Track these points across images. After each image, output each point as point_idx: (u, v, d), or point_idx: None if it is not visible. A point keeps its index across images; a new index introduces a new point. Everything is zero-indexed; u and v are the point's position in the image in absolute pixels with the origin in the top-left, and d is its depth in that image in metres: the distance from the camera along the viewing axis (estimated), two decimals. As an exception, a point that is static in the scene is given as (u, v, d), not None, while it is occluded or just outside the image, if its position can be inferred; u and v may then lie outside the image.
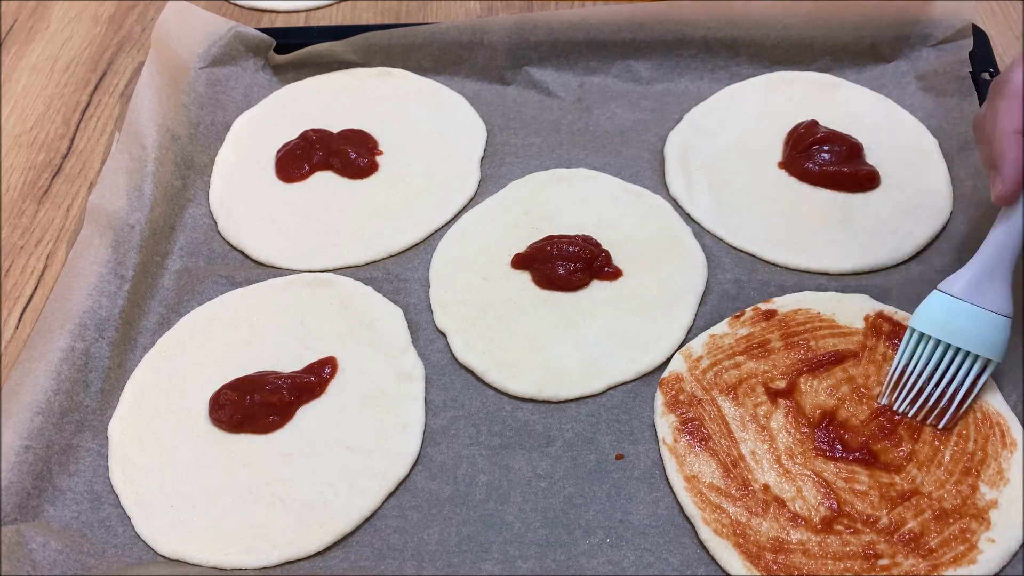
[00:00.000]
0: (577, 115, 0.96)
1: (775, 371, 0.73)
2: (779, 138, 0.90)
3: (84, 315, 0.76)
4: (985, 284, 0.69)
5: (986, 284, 0.69)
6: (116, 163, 0.84)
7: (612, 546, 0.67)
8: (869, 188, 0.85)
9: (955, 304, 0.69)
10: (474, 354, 0.77)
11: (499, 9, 1.11)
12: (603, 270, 0.81)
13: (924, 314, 0.70)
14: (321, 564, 0.67)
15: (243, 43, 0.98)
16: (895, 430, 0.69)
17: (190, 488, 0.71)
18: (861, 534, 0.65)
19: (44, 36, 1.11)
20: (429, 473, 0.71)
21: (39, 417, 0.70)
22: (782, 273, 0.81)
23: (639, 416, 0.73)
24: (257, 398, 0.73)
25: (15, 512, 0.67)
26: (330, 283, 0.82)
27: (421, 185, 0.90)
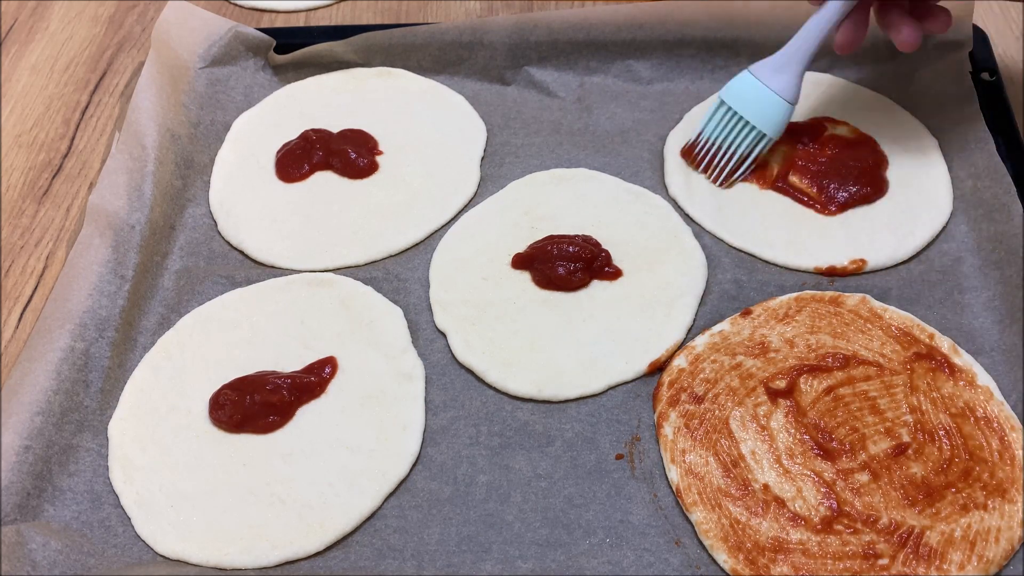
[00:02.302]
0: (577, 115, 0.96)
1: (775, 371, 0.73)
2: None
3: (84, 315, 0.76)
4: (781, 72, 0.82)
5: (781, 72, 0.82)
6: (116, 163, 0.84)
7: (612, 546, 0.67)
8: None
9: (754, 84, 0.82)
10: (474, 354, 0.77)
11: (499, 9, 1.11)
12: (603, 270, 0.81)
13: (730, 88, 0.84)
14: (321, 564, 0.67)
15: (243, 43, 0.98)
16: (896, 430, 0.70)
17: (190, 488, 0.71)
18: (861, 534, 0.65)
19: (44, 36, 1.11)
20: (429, 473, 0.71)
21: (39, 417, 0.70)
22: (782, 273, 0.81)
23: (639, 416, 0.73)
24: (257, 398, 0.73)
25: (15, 512, 0.67)
26: (330, 283, 0.82)
27: (421, 185, 0.90)
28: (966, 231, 0.82)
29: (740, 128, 0.84)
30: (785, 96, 0.82)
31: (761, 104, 0.82)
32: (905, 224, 0.83)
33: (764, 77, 0.82)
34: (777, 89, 0.82)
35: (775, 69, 0.82)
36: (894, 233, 0.82)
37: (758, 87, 0.82)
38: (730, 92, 0.84)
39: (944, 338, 0.75)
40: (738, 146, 0.84)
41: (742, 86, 0.84)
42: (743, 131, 0.84)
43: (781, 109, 0.82)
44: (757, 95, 0.82)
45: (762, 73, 0.83)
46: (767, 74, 0.82)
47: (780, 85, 0.82)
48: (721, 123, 0.85)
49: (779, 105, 0.82)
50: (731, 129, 0.84)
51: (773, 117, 0.82)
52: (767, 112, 0.82)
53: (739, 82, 0.84)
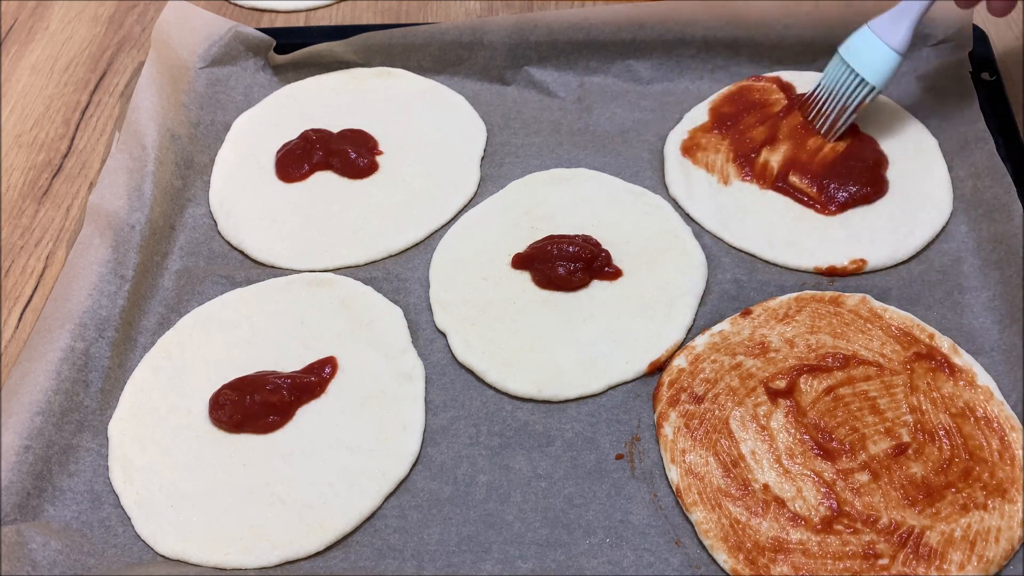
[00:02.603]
0: (577, 115, 0.96)
1: (775, 371, 0.73)
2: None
3: (84, 315, 0.76)
4: (894, 23, 0.84)
5: (895, 23, 0.83)
6: (116, 163, 0.84)
7: (612, 546, 0.67)
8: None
9: (867, 35, 0.85)
10: (474, 354, 0.77)
11: (499, 9, 1.11)
12: (603, 270, 0.81)
13: (848, 42, 0.86)
14: (321, 564, 0.67)
15: (243, 43, 0.98)
16: (896, 430, 0.70)
17: (190, 488, 0.71)
18: (861, 534, 0.65)
19: (44, 36, 1.11)
20: (429, 473, 0.71)
21: (39, 417, 0.70)
22: (782, 273, 0.81)
23: (639, 416, 0.73)
24: (257, 398, 0.73)
25: (15, 512, 0.67)
26: (330, 283, 0.82)
27: (421, 185, 0.90)
28: (966, 231, 0.82)
29: (851, 80, 0.85)
30: (895, 46, 0.83)
31: (871, 55, 0.84)
32: (905, 224, 0.83)
33: (878, 29, 0.84)
34: (888, 40, 0.83)
35: (890, 21, 0.84)
36: (894, 233, 0.82)
37: (871, 39, 0.84)
38: (846, 46, 0.86)
39: (944, 338, 0.75)
40: (847, 97, 0.86)
41: (857, 40, 0.86)
42: (853, 83, 0.85)
43: (888, 59, 0.84)
44: (869, 47, 0.84)
45: (877, 26, 0.85)
46: (881, 27, 0.84)
47: (890, 36, 0.83)
48: (836, 76, 0.87)
49: (887, 55, 0.84)
50: (844, 81, 0.86)
51: (879, 67, 0.84)
52: (874, 63, 0.84)
53: (855, 36, 0.86)
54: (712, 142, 0.90)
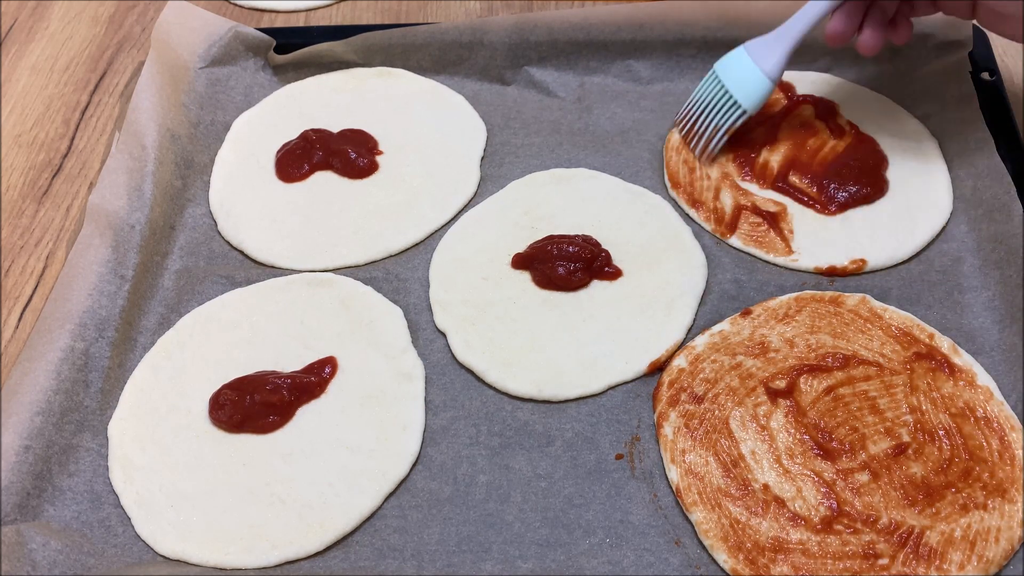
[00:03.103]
0: (577, 115, 0.96)
1: (775, 371, 0.73)
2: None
3: (84, 315, 0.76)
4: (770, 49, 0.84)
5: (771, 49, 0.84)
6: (116, 163, 0.84)
7: (612, 546, 0.67)
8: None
9: (742, 57, 0.85)
10: (474, 354, 0.77)
11: (499, 9, 1.11)
12: (603, 270, 0.81)
13: (724, 60, 0.87)
14: (321, 564, 0.67)
15: (243, 43, 0.98)
16: (896, 430, 0.70)
17: (190, 488, 0.71)
18: (861, 534, 0.65)
19: (44, 36, 1.11)
20: (429, 473, 0.71)
21: (39, 417, 0.70)
22: (782, 273, 0.81)
23: (639, 416, 0.73)
24: (257, 398, 0.73)
25: (15, 512, 0.67)
26: (330, 283, 0.82)
27: (421, 185, 0.90)
28: (966, 231, 0.82)
29: (724, 100, 0.86)
30: (768, 72, 0.84)
31: (745, 78, 0.85)
32: (905, 224, 0.83)
33: (754, 52, 0.85)
34: (762, 65, 0.84)
35: (766, 45, 0.85)
36: (894, 233, 0.82)
37: (745, 61, 0.85)
38: (722, 63, 0.87)
39: (944, 338, 0.75)
40: (719, 117, 0.86)
41: (733, 59, 0.86)
42: (726, 103, 0.86)
43: (761, 85, 0.84)
44: (743, 69, 0.85)
45: (753, 48, 0.85)
46: (758, 50, 0.85)
47: (766, 62, 0.84)
48: (709, 92, 0.87)
49: (760, 81, 0.84)
50: (717, 99, 0.86)
51: (752, 92, 0.85)
52: (748, 86, 0.85)
53: (732, 55, 0.87)
54: (712, 142, 0.91)
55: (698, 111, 0.88)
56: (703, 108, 0.87)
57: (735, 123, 0.86)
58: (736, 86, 0.85)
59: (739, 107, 0.85)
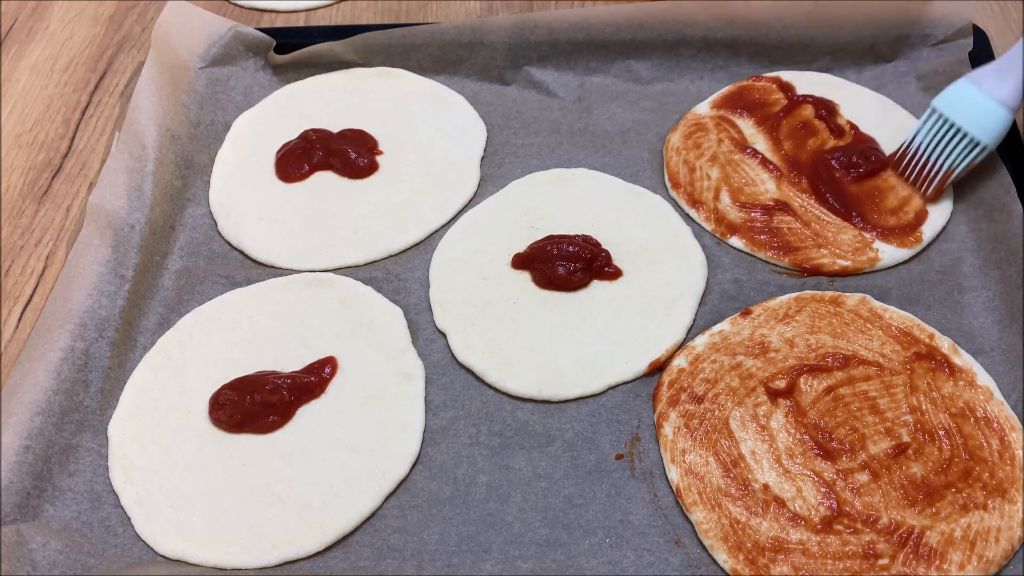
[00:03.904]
0: (577, 115, 0.96)
1: (775, 371, 0.73)
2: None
3: (84, 315, 0.76)
4: (1002, 78, 0.78)
5: (1003, 78, 0.78)
6: (116, 163, 0.84)
7: (612, 546, 0.67)
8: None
9: (970, 90, 0.79)
10: (474, 354, 0.77)
11: (499, 9, 1.11)
12: (603, 270, 0.81)
13: (945, 95, 0.81)
14: (321, 564, 0.67)
15: (243, 43, 0.98)
16: (896, 430, 0.70)
17: (190, 488, 0.71)
18: (861, 534, 0.65)
19: (44, 36, 1.11)
20: (429, 473, 0.71)
21: (39, 417, 0.70)
22: (782, 273, 0.81)
23: (639, 416, 0.73)
24: (257, 398, 0.73)
25: (15, 512, 0.67)
26: (330, 283, 0.82)
27: (421, 185, 0.90)
28: (966, 231, 0.82)
29: (953, 136, 0.80)
30: (1005, 102, 0.78)
31: (977, 111, 0.79)
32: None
33: (983, 83, 0.79)
34: (996, 95, 0.78)
35: (996, 74, 0.79)
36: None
37: (975, 93, 0.79)
38: (945, 99, 0.81)
39: (944, 338, 0.75)
40: (950, 155, 0.81)
41: (958, 93, 0.80)
42: (956, 140, 0.80)
43: (999, 116, 0.78)
44: (973, 102, 0.79)
45: (981, 79, 0.80)
46: (986, 80, 0.79)
47: (1000, 91, 0.78)
48: (933, 132, 0.81)
49: (996, 112, 0.78)
50: (943, 138, 0.81)
51: (990, 124, 0.79)
52: (983, 119, 0.79)
53: (955, 89, 0.81)
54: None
55: (924, 151, 0.82)
56: (930, 147, 0.81)
57: (975, 159, 0.80)
58: (967, 120, 0.79)
59: (975, 142, 0.79)
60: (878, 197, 0.84)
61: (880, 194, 0.84)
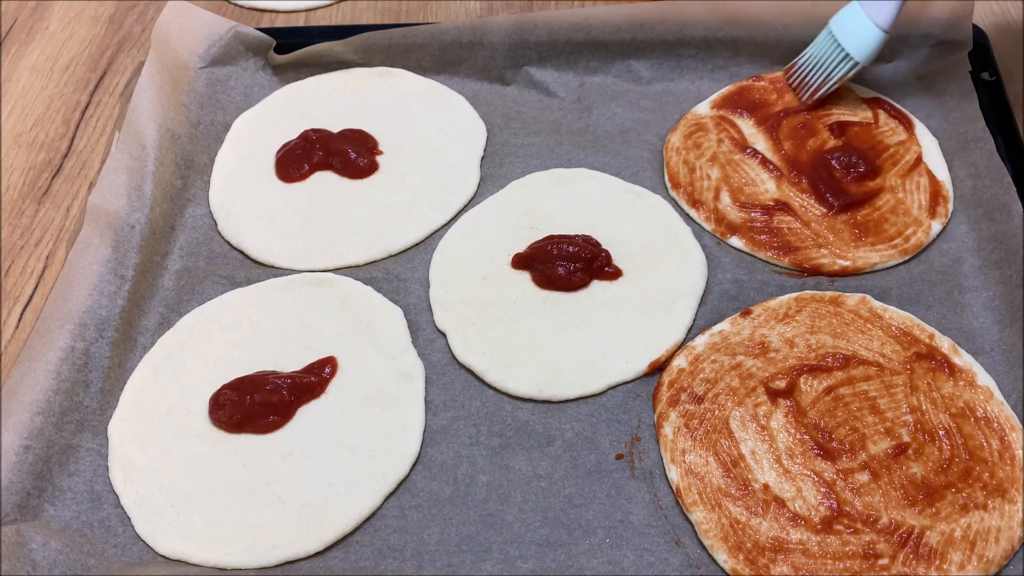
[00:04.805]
0: (577, 115, 0.96)
1: (775, 371, 0.73)
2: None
3: (84, 315, 0.76)
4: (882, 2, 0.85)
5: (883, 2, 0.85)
6: (116, 163, 0.84)
7: (612, 546, 0.67)
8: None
9: (856, 10, 0.86)
10: (474, 354, 0.77)
11: (499, 9, 1.11)
12: (603, 270, 0.81)
13: (838, 15, 0.88)
14: (321, 564, 0.67)
15: (243, 43, 0.98)
16: (896, 430, 0.70)
17: (190, 488, 0.71)
18: (861, 534, 0.65)
19: (44, 36, 1.11)
20: (429, 473, 0.71)
21: (39, 417, 0.70)
22: (782, 273, 0.81)
23: (639, 416, 0.73)
24: (257, 398, 0.73)
25: (15, 512, 0.67)
26: (330, 283, 0.82)
27: (421, 185, 0.90)
28: (966, 231, 0.82)
29: (837, 54, 0.88)
30: (879, 23, 0.85)
31: (858, 31, 0.86)
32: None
33: (867, 5, 0.86)
34: (874, 16, 0.85)
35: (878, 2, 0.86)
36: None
37: (859, 14, 0.86)
38: (836, 19, 0.88)
39: (944, 338, 0.75)
40: (830, 68, 0.89)
41: (846, 14, 0.88)
42: (839, 57, 0.88)
43: (873, 36, 0.86)
44: (856, 22, 0.86)
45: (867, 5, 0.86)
46: (870, 6, 0.86)
47: (877, 13, 0.85)
48: (823, 47, 0.89)
49: (872, 31, 0.85)
50: (830, 53, 0.88)
51: (864, 43, 0.86)
52: (860, 39, 0.86)
53: (846, 10, 0.88)
54: (712, 142, 0.91)
55: (810, 65, 0.90)
56: (815, 62, 0.90)
57: (847, 74, 0.88)
58: (849, 40, 0.86)
59: (850, 59, 0.87)
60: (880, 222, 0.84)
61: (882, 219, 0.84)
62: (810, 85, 0.90)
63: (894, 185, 0.85)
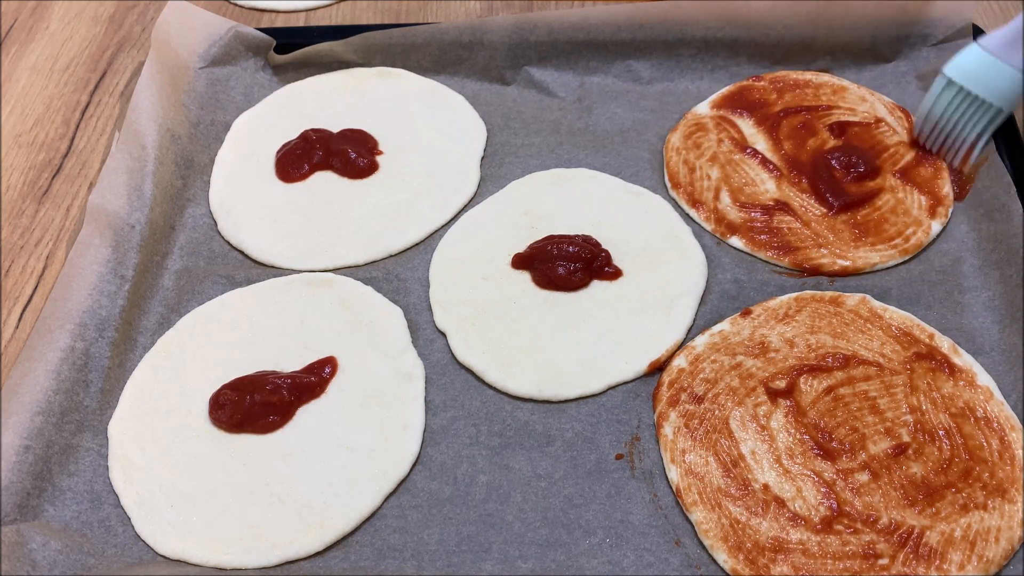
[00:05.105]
0: (577, 115, 0.96)
1: (775, 371, 0.73)
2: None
3: (84, 315, 0.76)
4: (1013, 43, 0.77)
5: (1013, 43, 0.77)
6: (116, 163, 0.84)
7: (612, 546, 0.67)
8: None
9: (982, 56, 0.78)
10: (474, 354, 0.77)
11: (499, 9, 1.11)
12: (603, 270, 0.81)
13: (956, 63, 0.80)
14: (321, 564, 0.67)
15: (243, 43, 0.98)
16: (896, 430, 0.70)
17: (190, 488, 0.71)
18: (861, 534, 0.65)
19: (44, 36, 1.11)
20: (429, 473, 0.71)
21: (39, 417, 0.70)
22: (782, 273, 0.81)
23: (639, 416, 0.73)
24: (257, 398, 0.73)
25: (15, 512, 0.67)
26: (330, 283, 0.82)
27: (421, 185, 0.90)
28: (966, 231, 0.82)
29: (969, 105, 0.80)
30: (1017, 65, 0.78)
31: (990, 76, 0.79)
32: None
33: (994, 48, 0.79)
34: (1009, 59, 0.78)
35: (1006, 40, 0.79)
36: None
37: (987, 59, 0.79)
38: (956, 67, 0.81)
39: (944, 338, 0.75)
40: (969, 123, 0.81)
41: (969, 60, 0.80)
42: (972, 108, 0.80)
43: (1014, 80, 0.78)
44: (986, 68, 0.79)
45: (992, 45, 0.79)
46: (1000, 48, 0.79)
47: (1012, 55, 0.78)
48: (948, 101, 0.81)
49: (1011, 76, 0.78)
50: (959, 107, 0.81)
51: (1005, 89, 0.79)
52: (998, 84, 0.79)
53: (966, 56, 0.80)
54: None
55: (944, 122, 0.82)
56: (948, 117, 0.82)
57: (995, 125, 0.81)
58: (982, 87, 0.79)
59: (991, 107, 0.79)
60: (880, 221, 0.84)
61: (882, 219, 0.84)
62: (956, 148, 0.82)
63: (894, 185, 0.85)
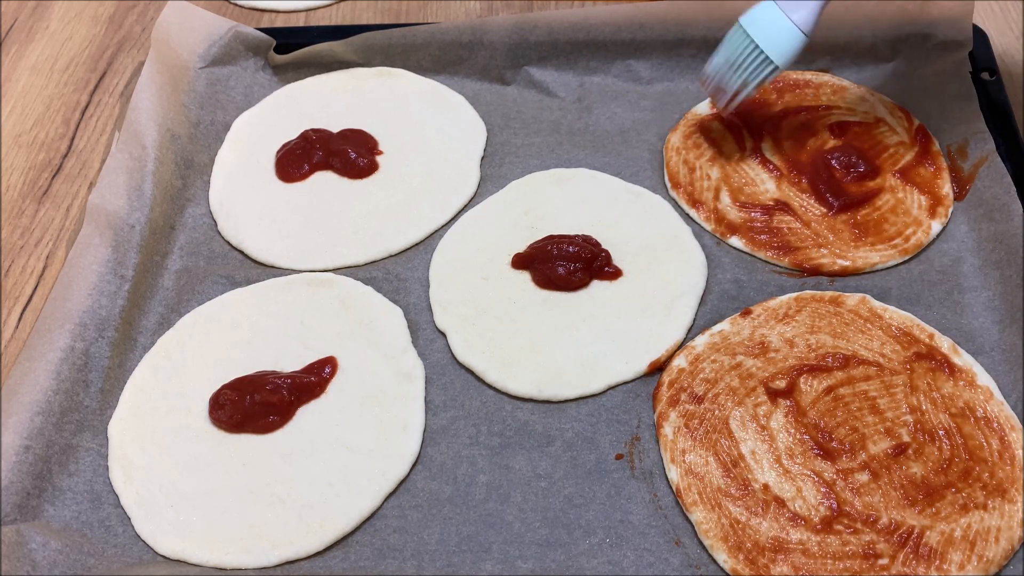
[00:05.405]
0: (577, 115, 0.96)
1: (775, 371, 0.73)
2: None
3: (84, 315, 0.76)
4: (801, 4, 0.81)
5: (802, 4, 0.81)
6: (116, 163, 0.84)
7: (612, 546, 0.67)
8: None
9: (773, 11, 0.81)
10: (474, 354, 0.77)
11: (499, 9, 1.11)
12: (603, 270, 0.81)
13: (750, 14, 0.83)
14: (321, 564, 0.67)
15: (243, 43, 0.98)
16: (896, 430, 0.70)
17: (190, 488, 0.71)
18: (861, 534, 0.65)
19: (44, 36, 1.11)
20: (429, 473, 0.71)
21: (39, 417, 0.70)
22: (782, 273, 0.81)
23: (639, 416, 0.73)
24: (257, 398, 0.73)
25: (15, 512, 0.67)
26: (330, 283, 0.82)
27: (421, 185, 0.90)
28: (966, 231, 0.82)
29: (752, 54, 0.82)
30: (801, 26, 0.81)
31: (776, 32, 0.81)
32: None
33: (785, 5, 0.81)
34: (795, 19, 0.81)
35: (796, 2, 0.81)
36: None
37: (777, 15, 0.81)
38: (749, 17, 0.83)
39: (944, 338, 0.75)
40: (744, 72, 0.83)
41: (762, 13, 0.82)
42: (752, 58, 0.82)
43: (794, 39, 0.81)
44: (774, 23, 0.81)
45: (784, 3, 0.81)
46: (788, 3, 0.81)
47: (799, 16, 0.81)
48: (736, 48, 0.83)
49: (793, 35, 0.81)
50: (744, 54, 0.82)
51: (784, 46, 0.81)
52: (780, 41, 0.81)
53: (760, 9, 0.82)
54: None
55: (725, 68, 0.84)
56: (731, 65, 0.83)
57: (765, 79, 0.83)
58: (767, 41, 0.81)
59: (770, 63, 0.82)
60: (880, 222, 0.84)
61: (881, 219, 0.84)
62: (726, 91, 0.84)
63: (894, 185, 0.85)
